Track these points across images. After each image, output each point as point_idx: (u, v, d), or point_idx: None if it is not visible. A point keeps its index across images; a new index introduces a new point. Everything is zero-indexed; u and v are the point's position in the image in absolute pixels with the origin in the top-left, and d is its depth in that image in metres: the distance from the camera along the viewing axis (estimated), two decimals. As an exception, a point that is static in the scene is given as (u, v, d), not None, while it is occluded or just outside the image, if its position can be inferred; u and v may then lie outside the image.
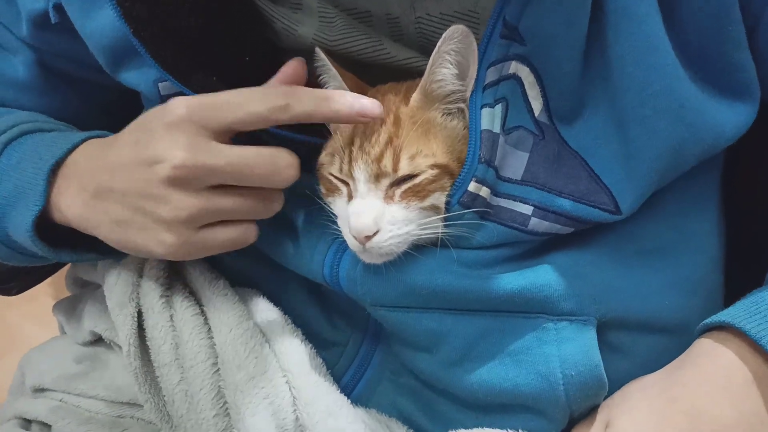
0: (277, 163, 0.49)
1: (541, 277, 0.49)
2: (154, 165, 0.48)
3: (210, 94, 0.48)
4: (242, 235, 0.52)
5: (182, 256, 0.51)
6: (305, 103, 0.47)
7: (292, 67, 0.53)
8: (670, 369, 0.50)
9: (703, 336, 0.50)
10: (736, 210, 0.59)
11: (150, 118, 0.50)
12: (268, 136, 0.51)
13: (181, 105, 0.48)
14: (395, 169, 0.48)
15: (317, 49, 0.52)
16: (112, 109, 0.67)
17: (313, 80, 0.54)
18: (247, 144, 0.49)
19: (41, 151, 0.56)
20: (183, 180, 0.47)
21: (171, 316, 0.54)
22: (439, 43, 0.47)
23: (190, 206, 0.48)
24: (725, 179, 0.58)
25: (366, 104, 0.47)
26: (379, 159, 0.48)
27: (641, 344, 0.52)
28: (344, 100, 0.47)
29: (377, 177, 0.48)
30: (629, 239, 0.51)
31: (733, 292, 0.54)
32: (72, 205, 0.53)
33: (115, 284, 0.56)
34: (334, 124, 0.53)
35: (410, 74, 0.53)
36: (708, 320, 0.49)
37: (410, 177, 0.48)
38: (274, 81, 0.52)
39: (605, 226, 0.50)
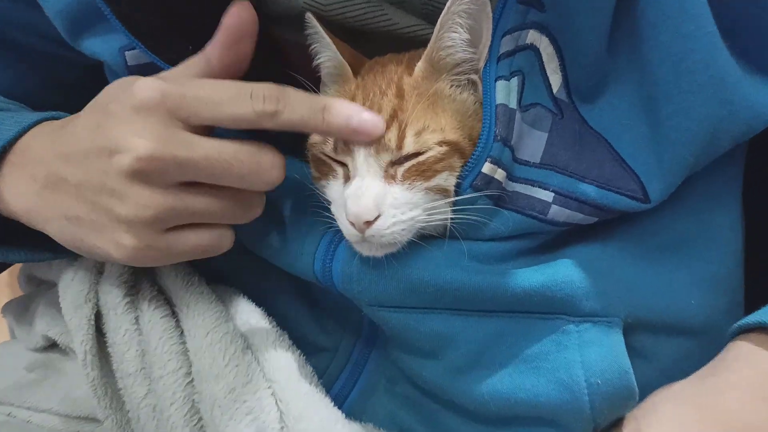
0: (261, 162, 0.44)
1: (562, 272, 0.46)
2: (115, 155, 0.43)
3: (188, 82, 0.44)
4: (215, 241, 0.47)
5: (143, 262, 0.47)
6: (297, 111, 0.43)
7: (235, 16, 0.45)
8: (701, 375, 0.47)
9: (737, 338, 0.47)
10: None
11: (113, 97, 0.46)
12: None
13: (151, 88, 0.43)
14: (399, 146, 0.44)
15: (308, 15, 0.48)
16: (71, 87, 0.62)
17: (298, 47, 0.50)
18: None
19: None
20: (148, 174, 0.43)
21: (136, 318, 0.51)
22: (448, 4, 0.44)
23: (155, 205, 0.43)
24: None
25: (367, 120, 0.43)
26: (382, 136, 0.44)
27: (666, 348, 0.50)
28: (342, 111, 0.43)
29: (378, 155, 0.45)
30: (652, 232, 0.49)
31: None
32: (20, 196, 0.49)
33: (71, 281, 0.53)
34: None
35: (413, 45, 0.50)
36: (743, 321, 0.47)
37: (415, 155, 0.44)
38: (218, 41, 0.46)
39: (628, 216, 0.47)
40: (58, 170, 0.46)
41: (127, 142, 0.42)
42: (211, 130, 0.45)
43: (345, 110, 0.43)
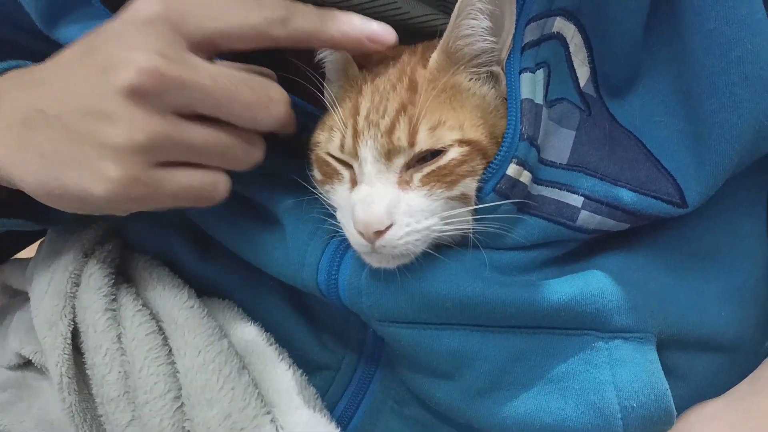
0: (269, 95, 0.42)
1: (592, 285, 0.44)
2: (111, 70, 0.39)
3: None
4: (210, 184, 0.43)
5: (127, 202, 0.42)
6: (307, 18, 0.42)
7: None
8: (740, 394, 0.47)
9: None
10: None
11: (110, 21, 0.43)
12: None
13: (154, 1, 0.41)
14: (411, 143, 0.42)
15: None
16: None
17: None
18: None
19: None
20: (146, 92, 0.39)
21: (118, 336, 0.48)
22: None
23: (149, 128, 0.40)
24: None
25: (376, 28, 0.42)
26: (390, 131, 0.42)
27: (698, 365, 0.48)
28: (353, 19, 0.42)
29: (389, 155, 0.42)
30: (682, 240, 0.48)
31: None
32: None
33: (44, 294, 0.50)
34: (334, 92, 0.47)
35: (424, 37, 0.48)
36: None
37: (432, 155, 0.42)
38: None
39: (657, 224, 0.45)
40: (32, 104, 0.42)
41: (126, 55, 0.39)
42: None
43: (355, 18, 0.42)
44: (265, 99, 0.42)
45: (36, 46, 0.55)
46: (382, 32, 0.42)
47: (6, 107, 0.44)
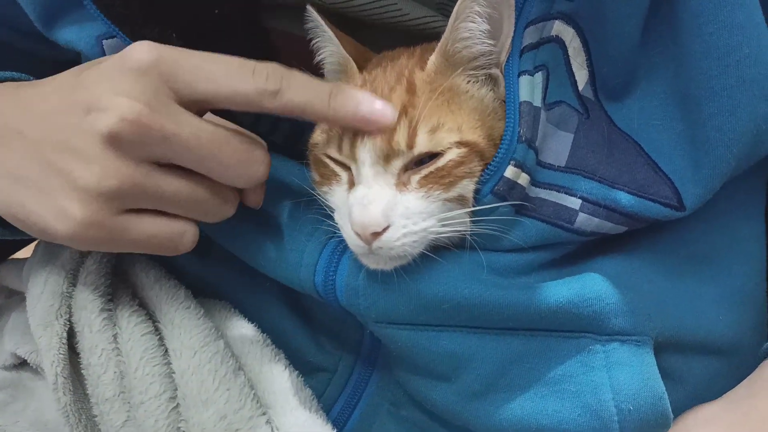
0: (252, 155, 0.42)
1: (590, 287, 0.43)
2: (94, 112, 0.40)
3: (188, 50, 0.41)
4: (175, 235, 0.44)
5: (87, 244, 0.42)
6: (301, 94, 0.41)
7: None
8: (737, 397, 0.46)
9: None
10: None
11: (102, 60, 0.43)
12: None
13: (148, 50, 0.40)
14: (410, 146, 0.42)
15: (309, 8, 0.46)
16: None
17: (297, 41, 0.48)
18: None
19: None
20: (126, 140, 0.39)
21: (114, 337, 0.48)
22: None
23: (122, 176, 0.40)
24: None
25: (378, 109, 0.41)
26: (390, 134, 0.42)
27: (695, 368, 0.48)
28: (351, 97, 0.41)
29: (387, 158, 0.42)
30: (679, 243, 0.48)
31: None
32: None
33: (40, 294, 0.49)
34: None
35: (424, 39, 0.48)
36: None
37: (430, 158, 0.42)
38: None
39: (655, 226, 0.45)
40: (14, 124, 0.43)
41: (110, 100, 0.39)
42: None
43: (354, 97, 0.41)
44: (246, 159, 0.42)
45: (33, 48, 0.56)
46: (380, 114, 0.41)
47: None
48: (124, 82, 0.39)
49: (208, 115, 0.44)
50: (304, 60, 0.48)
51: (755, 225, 0.51)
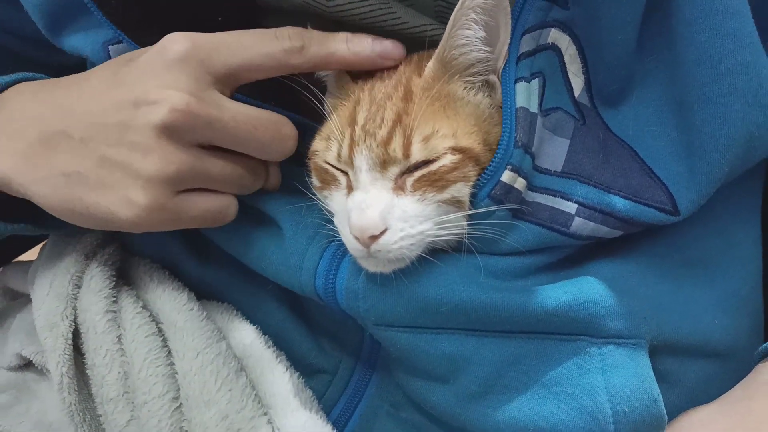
0: (282, 131, 0.46)
1: (586, 291, 0.44)
2: (144, 106, 0.42)
3: (213, 33, 0.44)
4: (223, 208, 0.47)
5: (148, 225, 0.45)
6: (322, 43, 0.45)
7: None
8: (732, 400, 0.46)
9: (767, 360, 0.47)
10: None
11: (135, 55, 0.45)
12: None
13: (182, 40, 0.43)
14: (406, 155, 0.42)
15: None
16: None
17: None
18: None
19: None
20: (178, 129, 0.42)
21: (119, 338, 0.48)
22: None
23: (179, 161, 0.43)
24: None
25: (387, 45, 0.45)
26: (386, 142, 0.42)
27: (690, 371, 0.48)
28: (364, 39, 0.45)
29: (384, 164, 0.43)
30: (676, 248, 0.48)
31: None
32: (1, 154, 0.46)
33: (46, 296, 0.50)
34: (332, 103, 0.48)
35: (422, 47, 0.48)
36: None
37: (425, 163, 0.42)
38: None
39: (651, 231, 0.46)
40: (56, 125, 0.45)
41: (159, 93, 0.42)
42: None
43: (366, 38, 0.45)
44: (278, 136, 0.46)
45: (33, 54, 0.56)
46: (393, 49, 0.45)
47: (20, 120, 0.46)
48: (167, 75, 0.42)
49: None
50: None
51: (752, 230, 0.52)
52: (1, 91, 0.49)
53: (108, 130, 0.43)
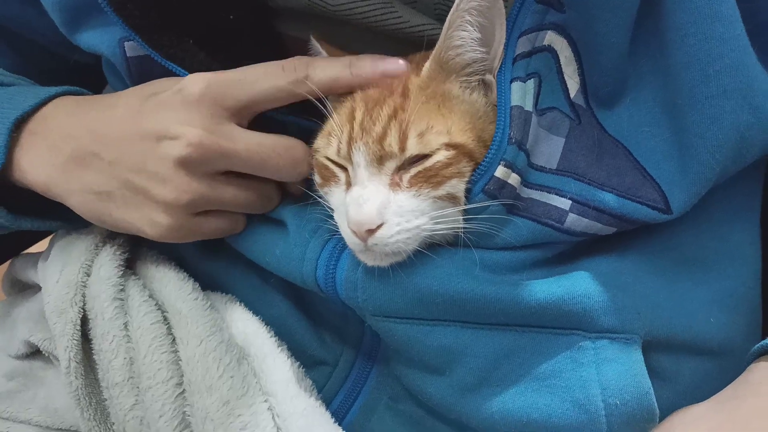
0: (295, 156, 0.49)
1: (579, 285, 0.44)
2: (165, 140, 0.46)
3: (225, 71, 0.48)
4: (233, 226, 0.52)
5: (171, 238, 0.50)
6: (327, 71, 0.46)
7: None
8: (722, 399, 0.45)
9: (760, 360, 0.46)
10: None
11: (160, 88, 0.49)
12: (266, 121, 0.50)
13: (199, 81, 0.47)
14: (402, 149, 0.43)
15: (312, 40, 0.50)
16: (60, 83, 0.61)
17: (301, 43, 0.52)
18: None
19: (2, 103, 0.52)
20: (194, 162, 0.46)
21: (125, 325, 0.49)
22: (457, 1, 0.43)
23: (193, 191, 0.47)
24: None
25: (388, 64, 0.46)
26: (382, 138, 0.43)
27: (684, 369, 0.48)
28: (366, 60, 0.47)
29: (381, 159, 0.44)
30: (671, 246, 0.48)
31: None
32: (40, 166, 0.50)
33: (56, 284, 0.51)
34: (334, 102, 0.48)
35: (422, 47, 0.49)
36: (766, 342, 0.45)
37: (420, 158, 0.43)
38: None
39: (646, 229, 0.46)
40: (89, 146, 0.49)
41: (180, 130, 0.46)
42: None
43: (368, 59, 0.47)
44: (291, 161, 0.48)
45: (57, 50, 0.58)
46: (394, 67, 0.46)
47: (57, 135, 0.50)
48: (185, 113, 0.46)
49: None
50: None
51: (749, 229, 0.52)
52: (46, 102, 0.51)
53: (134, 158, 0.47)
